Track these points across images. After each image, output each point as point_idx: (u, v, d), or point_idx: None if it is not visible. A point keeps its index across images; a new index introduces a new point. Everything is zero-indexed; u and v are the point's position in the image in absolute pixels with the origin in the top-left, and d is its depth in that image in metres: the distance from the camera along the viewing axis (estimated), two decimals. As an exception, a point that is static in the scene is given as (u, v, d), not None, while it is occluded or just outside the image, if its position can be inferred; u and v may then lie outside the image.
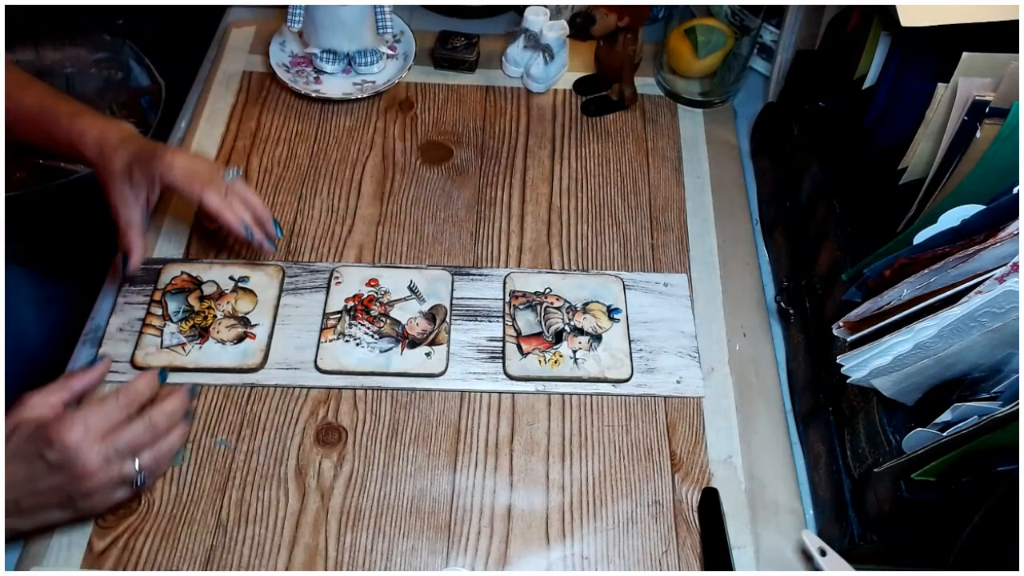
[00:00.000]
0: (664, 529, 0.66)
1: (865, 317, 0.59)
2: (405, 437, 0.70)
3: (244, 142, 0.90)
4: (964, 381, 0.56)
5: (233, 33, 1.01)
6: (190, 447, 0.68)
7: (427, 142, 0.92)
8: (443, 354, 0.74)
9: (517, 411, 0.72)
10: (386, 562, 0.64)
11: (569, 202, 0.87)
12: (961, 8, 0.60)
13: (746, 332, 0.78)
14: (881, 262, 0.60)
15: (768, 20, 0.93)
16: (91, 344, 0.74)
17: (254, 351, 0.73)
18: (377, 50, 0.95)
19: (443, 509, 0.67)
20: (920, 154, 0.64)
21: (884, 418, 0.59)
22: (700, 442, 0.71)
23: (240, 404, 0.71)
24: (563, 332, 0.76)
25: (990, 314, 0.50)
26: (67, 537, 0.64)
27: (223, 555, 0.64)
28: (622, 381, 0.73)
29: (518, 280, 0.79)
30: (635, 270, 0.82)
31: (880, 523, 0.59)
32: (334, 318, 0.76)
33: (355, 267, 0.80)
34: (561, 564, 0.64)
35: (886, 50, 0.69)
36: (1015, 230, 0.51)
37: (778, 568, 0.65)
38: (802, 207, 0.77)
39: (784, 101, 0.89)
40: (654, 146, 0.93)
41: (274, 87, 0.96)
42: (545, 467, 0.69)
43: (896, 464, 0.55)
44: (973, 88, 0.57)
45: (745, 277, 0.82)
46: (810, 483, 0.70)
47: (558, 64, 0.96)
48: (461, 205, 0.86)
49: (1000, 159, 0.53)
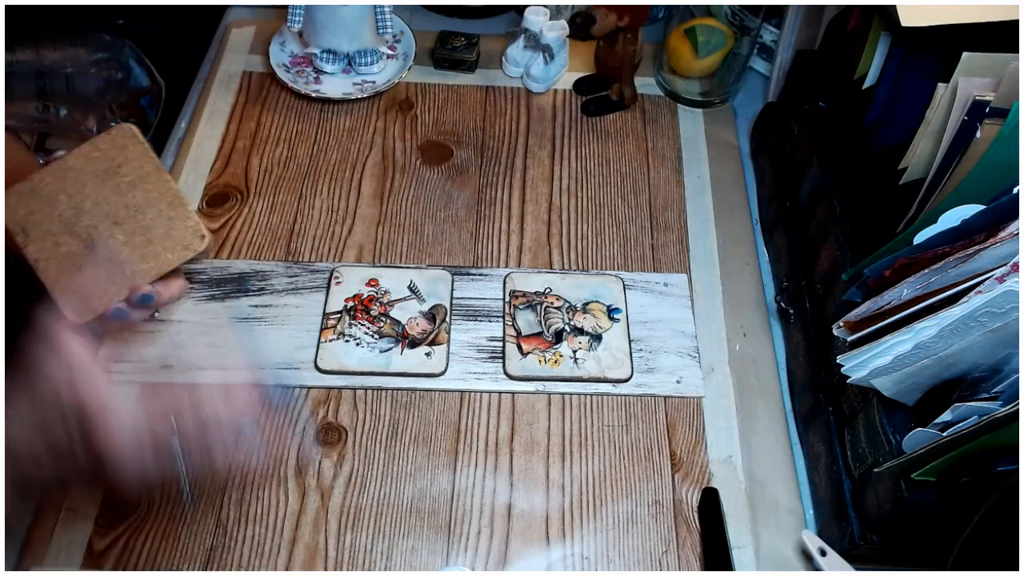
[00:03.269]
0: (664, 529, 0.66)
1: (865, 317, 0.59)
2: (405, 437, 0.70)
3: (244, 142, 0.90)
4: (964, 381, 0.56)
5: (233, 33, 1.01)
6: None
7: (427, 142, 0.92)
8: (443, 354, 0.74)
9: (517, 411, 0.72)
10: (386, 562, 0.64)
11: (569, 202, 0.87)
12: (961, 8, 0.60)
13: (746, 332, 0.78)
14: (881, 262, 0.60)
15: (768, 20, 0.93)
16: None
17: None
18: (377, 50, 0.95)
19: (443, 509, 0.67)
20: (920, 154, 0.64)
21: (884, 418, 0.59)
22: (700, 442, 0.71)
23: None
24: (563, 332, 0.76)
25: (990, 314, 0.50)
26: (67, 537, 0.64)
27: (223, 555, 0.64)
28: (622, 381, 0.73)
29: (518, 280, 0.79)
30: (635, 270, 0.82)
31: (880, 523, 0.59)
32: (334, 318, 0.76)
33: (355, 267, 0.80)
34: (561, 564, 0.64)
35: (886, 50, 0.69)
36: (1015, 230, 0.51)
37: (778, 568, 0.65)
38: (802, 207, 0.77)
39: (784, 101, 0.89)
40: (654, 146, 0.93)
41: (274, 87, 0.96)
42: (545, 467, 0.69)
43: (896, 464, 0.54)
44: (973, 88, 0.57)
45: (745, 277, 0.82)
46: (810, 483, 0.70)
47: (558, 64, 0.96)
48: (461, 205, 0.86)
49: (1000, 159, 0.53)
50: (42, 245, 0.56)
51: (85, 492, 0.64)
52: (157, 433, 0.53)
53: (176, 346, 0.73)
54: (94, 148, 0.58)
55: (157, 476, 0.54)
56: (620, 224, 0.85)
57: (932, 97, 0.62)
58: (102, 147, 0.58)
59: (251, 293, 0.77)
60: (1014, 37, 0.58)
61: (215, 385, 0.54)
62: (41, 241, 0.56)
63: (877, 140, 0.70)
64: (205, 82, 0.96)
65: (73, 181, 0.57)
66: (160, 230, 0.57)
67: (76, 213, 0.57)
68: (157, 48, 1.31)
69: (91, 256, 0.56)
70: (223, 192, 0.85)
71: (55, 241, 0.56)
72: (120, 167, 0.57)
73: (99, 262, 0.56)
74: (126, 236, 0.57)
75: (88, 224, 0.57)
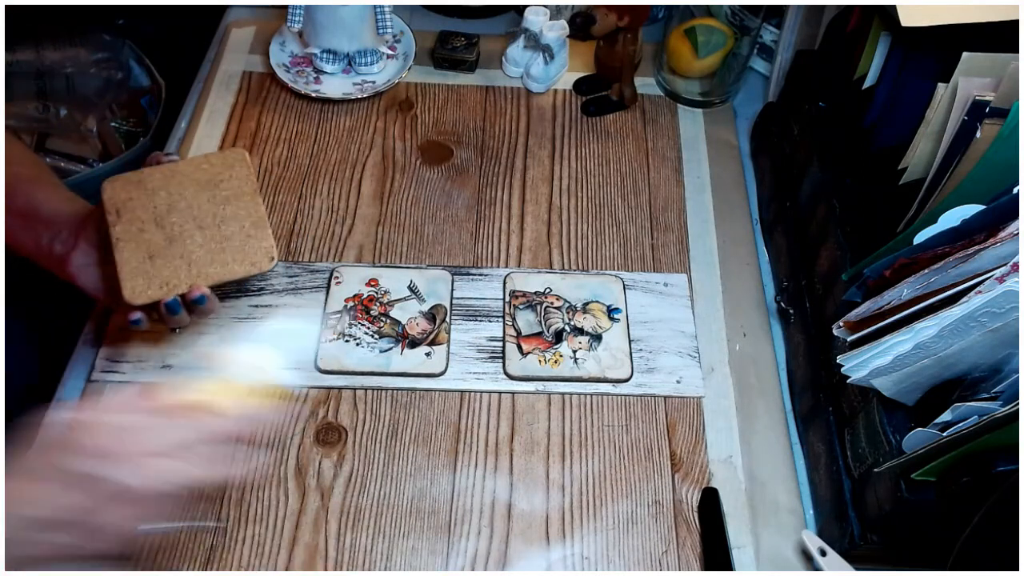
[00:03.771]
0: (664, 529, 0.66)
1: (865, 317, 0.59)
2: (405, 437, 0.70)
3: (244, 142, 0.90)
4: (964, 381, 0.56)
5: (233, 33, 1.01)
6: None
7: (427, 142, 0.92)
8: (443, 354, 0.74)
9: (517, 411, 0.72)
10: (386, 562, 0.64)
11: (569, 202, 0.87)
12: (961, 8, 0.60)
13: (746, 332, 0.78)
14: (881, 262, 0.60)
15: (768, 20, 0.93)
16: (90, 345, 0.74)
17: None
18: (377, 50, 0.95)
19: (443, 509, 0.67)
20: (920, 154, 0.64)
21: (884, 418, 0.59)
22: (700, 442, 0.71)
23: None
24: (563, 332, 0.76)
25: (990, 314, 0.50)
26: (67, 537, 0.63)
27: (223, 555, 0.64)
28: (622, 381, 0.73)
29: (518, 280, 0.79)
30: (635, 270, 0.82)
31: (880, 523, 0.59)
32: (334, 318, 0.76)
33: (355, 267, 0.80)
34: (561, 564, 0.64)
35: (886, 50, 0.69)
36: (1015, 230, 0.51)
37: (778, 568, 0.65)
38: (802, 207, 0.77)
39: (784, 101, 0.89)
40: (654, 146, 0.93)
41: (274, 87, 0.96)
42: (545, 467, 0.69)
43: (896, 464, 0.54)
44: (973, 88, 0.57)
45: (745, 277, 0.82)
46: (810, 483, 0.70)
47: (558, 64, 0.96)
48: (461, 205, 0.86)
49: (1000, 159, 0.53)
50: (128, 228, 0.61)
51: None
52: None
53: (176, 346, 0.73)
54: (205, 160, 0.64)
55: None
56: (620, 224, 0.85)
57: (932, 97, 0.62)
58: (213, 161, 0.64)
59: (251, 293, 0.77)
60: (1014, 37, 0.58)
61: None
62: (128, 224, 0.61)
63: (877, 140, 0.70)
64: (205, 82, 0.96)
65: (177, 183, 0.63)
66: (236, 242, 0.62)
67: (168, 209, 0.62)
68: (157, 48, 1.31)
69: (168, 250, 0.61)
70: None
71: (140, 227, 0.61)
72: (222, 182, 0.63)
73: (172, 255, 0.61)
74: (204, 239, 0.62)
75: (175, 221, 0.62)
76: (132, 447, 0.47)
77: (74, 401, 0.70)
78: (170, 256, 0.61)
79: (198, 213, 0.62)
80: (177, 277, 0.61)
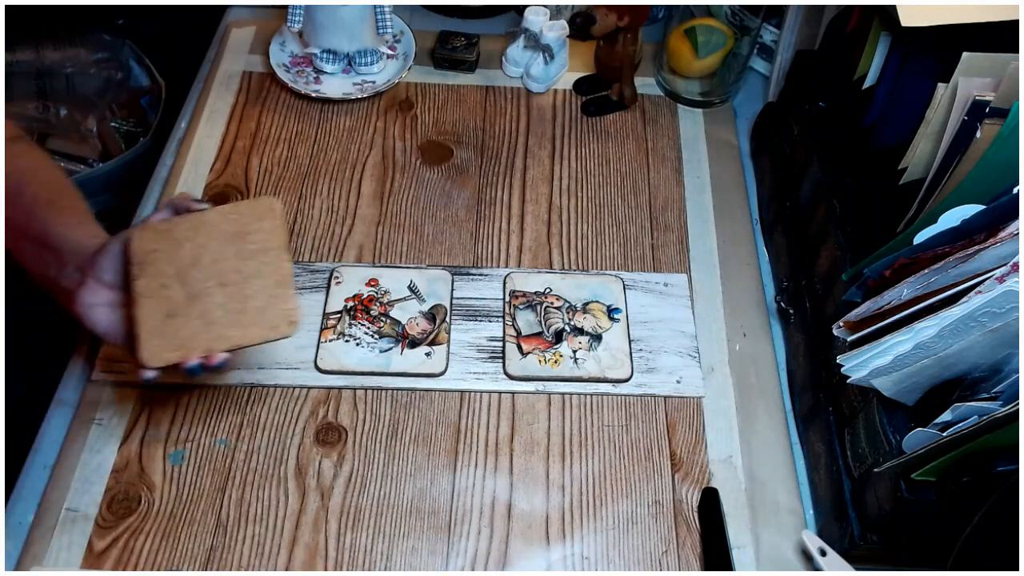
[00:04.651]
0: (664, 529, 0.66)
1: (865, 317, 0.59)
2: (405, 437, 0.70)
3: (244, 142, 0.90)
4: (964, 381, 0.56)
5: (233, 33, 1.01)
6: (189, 446, 0.68)
7: (427, 142, 0.92)
8: (443, 354, 0.74)
9: (517, 411, 0.72)
10: (386, 562, 0.64)
11: (569, 202, 0.87)
12: (961, 8, 0.60)
13: (746, 332, 0.78)
14: (881, 262, 0.60)
15: (768, 20, 0.93)
16: (90, 345, 0.74)
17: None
18: (377, 50, 0.95)
19: (443, 509, 0.67)
20: (920, 154, 0.64)
21: (884, 418, 0.59)
22: (700, 442, 0.71)
23: (240, 404, 0.71)
24: (563, 332, 0.76)
25: (990, 314, 0.50)
26: (67, 537, 0.64)
27: (223, 555, 0.64)
28: (622, 381, 0.73)
29: (518, 280, 0.79)
30: (635, 270, 0.82)
31: (880, 523, 0.59)
32: (334, 318, 0.76)
33: (355, 267, 0.80)
34: (561, 564, 0.64)
35: (886, 50, 0.69)
36: (1015, 230, 0.51)
37: (778, 568, 0.65)
38: (802, 207, 0.77)
39: (784, 101, 0.89)
40: (654, 146, 0.93)
41: (274, 87, 0.96)
42: (545, 467, 0.69)
43: (896, 464, 0.55)
44: (973, 88, 0.57)
45: (745, 277, 0.82)
46: (810, 483, 0.70)
47: (558, 64, 0.96)
48: (461, 205, 0.86)
49: (1000, 159, 0.54)
50: (150, 283, 0.57)
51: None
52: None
53: None
54: (235, 210, 0.60)
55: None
56: (620, 224, 0.85)
57: (932, 97, 0.62)
58: (242, 210, 0.60)
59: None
60: (1014, 37, 0.58)
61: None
62: (151, 279, 0.58)
63: (877, 140, 0.70)
64: (205, 82, 0.96)
65: (204, 234, 0.59)
66: (257, 303, 0.58)
67: (193, 264, 0.58)
68: (157, 48, 1.31)
69: (188, 308, 0.57)
70: (223, 192, 0.85)
71: (163, 283, 0.58)
72: (250, 234, 0.59)
73: (191, 315, 0.57)
74: (225, 299, 0.58)
75: (199, 278, 0.58)
76: None
77: (74, 401, 0.70)
78: (189, 315, 0.57)
79: (222, 268, 0.58)
80: (195, 340, 0.57)
